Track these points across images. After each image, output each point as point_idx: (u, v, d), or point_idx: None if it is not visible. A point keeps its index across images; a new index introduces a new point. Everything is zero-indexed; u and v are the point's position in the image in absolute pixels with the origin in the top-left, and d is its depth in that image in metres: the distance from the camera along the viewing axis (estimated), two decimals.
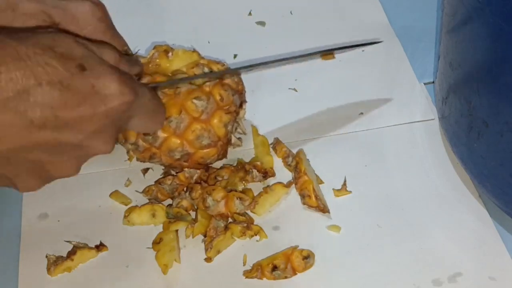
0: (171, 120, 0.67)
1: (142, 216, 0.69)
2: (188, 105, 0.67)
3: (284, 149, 0.74)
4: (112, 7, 0.85)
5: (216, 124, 0.69)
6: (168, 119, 0.67)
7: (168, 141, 0.68)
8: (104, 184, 0.73)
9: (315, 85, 0.82)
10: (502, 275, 0.65)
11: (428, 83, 0.81)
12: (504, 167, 0.62)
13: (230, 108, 0.69)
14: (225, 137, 0.70)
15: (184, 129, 0.68)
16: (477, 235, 0.68)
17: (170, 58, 0.70)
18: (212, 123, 0.69)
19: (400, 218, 0.70)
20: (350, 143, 0.76)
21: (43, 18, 0.64)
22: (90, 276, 0.67)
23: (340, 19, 0.90)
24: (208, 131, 0.68)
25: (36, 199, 0.72)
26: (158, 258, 0.66)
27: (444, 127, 0.72)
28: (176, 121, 0.67)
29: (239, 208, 0.69)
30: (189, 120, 0.68)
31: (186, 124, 0.68)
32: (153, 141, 0.68)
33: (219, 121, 0.69)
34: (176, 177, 0.71)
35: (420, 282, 0.65)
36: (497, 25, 0.56)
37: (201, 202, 0.69)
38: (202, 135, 0.68)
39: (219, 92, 0.69)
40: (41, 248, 0.68)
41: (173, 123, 0.67)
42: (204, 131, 0.68)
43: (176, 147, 0.68)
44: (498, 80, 0.59)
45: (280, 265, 0.65)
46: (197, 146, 0.69)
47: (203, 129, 0.68)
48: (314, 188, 0.70)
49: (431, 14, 0.88)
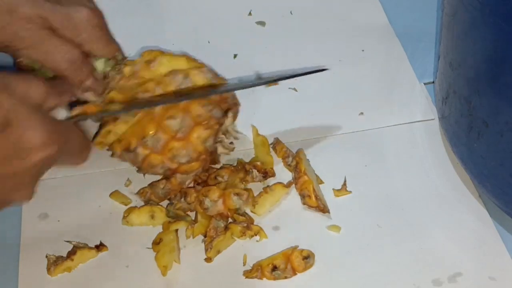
0: (147, 140, 0.67)
1: (141, 217, 0.69)
2: (164, 123, 0.67)
3: (284, 149, 0.74)
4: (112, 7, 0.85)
5: (194, 141, 0.68)
6: (144, 139, 0.67)
7: (149, 158, 0.68)
8: (104, 184, 0.73)
9: (315, 85, 0.82)
10: (502, 275, 0.65)
11: (428, 83, 0.81)
12: (504, 167, 0.62)
13: (210, 123, 0.68)
14: (207, 151, 0.69)
15: (162, 148, 0.67)
16: (477, 235, 0.68)
17: (152, 68, 0.69)
18: (191, 139, 0.68)
19: (400, 218, 0.70)
20: (350, 143, 0.76)
21: (41, 23, 0.64)
22: (90, 276, 0.67)
23: (340, 19, 0.90)
24: (186, 149, 0.68)
25: (36, 199, 0.72)
26: (157, 259, 0.66)
27: (444, 127, 0.72)
28: (152, 141, 0.67)
29: (238, 203, 0.69)
30: (166, 139, 0.67)
31: (163, 143, 0.67)
32: (134, 158, 0.68)
33: (197, 138, 0.68)
34: (168, 181, 0.70)
35: (420, 282, 0.65)
36: (497, 25, 0.56)
37: (198, 205, 0.69)
38: (179, 154, 0.68)
39: (195, 108, 0.67)
40: (41, 248, 0.68)
41: (149, 142, 0.67)
42: (182, 149, 0.68)
43: (157, 164, 0.68)
44: (498, 80, 0.59)
45: (280, 265, 0.65)
46: (177, 163, 0.68)
47: (180, 148, 0.67)
48: (314, 188, 0.70)
49: (431, 14, 0.88)
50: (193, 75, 0.69)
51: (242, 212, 0.70)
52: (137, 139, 0.68)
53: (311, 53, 0.86)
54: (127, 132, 0.69)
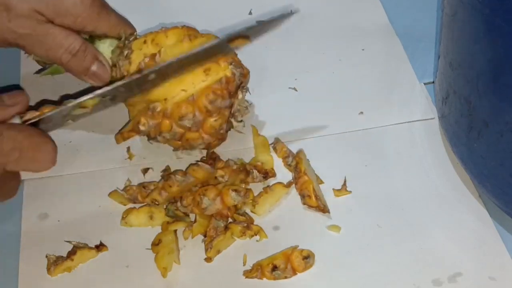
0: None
1: (139, 218, 0.69)
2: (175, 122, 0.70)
3: (284, 149, 0.74)
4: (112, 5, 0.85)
5: (208, 130, 0.71)
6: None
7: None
8: (104, 184, 0.73)
9: (315, 84, 0.82)
10: (502, 275, 0.65)
11: (428, 83, 0.81)
12: (504, 167, 0.62)
13: (220, 113, 0.70)
14: (220, 134, 0.72)
15: (178, 139, 0.71)
16: (477, 235, 0.68)
17: (157, 60, 0.70)
18: (205, 129, 0.71)
19: (400, 218, 0.70)
20: (350, 142, 0.76)
21: (37, 17, 0.64)
22: (90, 276, 0.67)
23: (340, 19, 0.90)
24: (200, 138, 0.71)
25: (36, 199, 0.72)
26: (157, 261, 0.66)
27: (444, 127, 0.72)
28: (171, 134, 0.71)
29: (236, 200, 0.69)
30: (180, 133, 0.70)
31: (179, 135, 0.71)
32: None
33: (210, 127, 0.70)
34: (163, 185, 0.70)
35: (420, 282, 0.65)
36: (497, 25, 0.56)
37: (195, 207, 0.69)
38: (195, 144, 0.72)
39: (202, 101, 0.69)
40: (41, 248, 0.68)
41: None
42: (198, 139, 0.71)
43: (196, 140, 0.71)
44: (498, 80, 0.59)
45: (280, 265, 0.65)
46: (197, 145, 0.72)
47: (196, 138, 0.71)
48: (314, 188, 0.70)
49: (431, 14, 0.88)
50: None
51: (242, 212, 0.70)
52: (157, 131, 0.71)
53: (311, 52, 0.86)
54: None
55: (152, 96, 0.69)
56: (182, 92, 0.69)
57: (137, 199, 0.71)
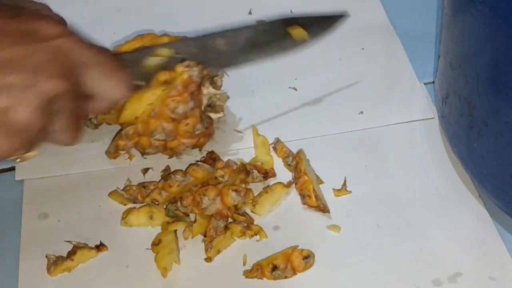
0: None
1: (139, 218, 0.69)
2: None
3: (284, 149, 0.74)
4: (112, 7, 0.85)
5: (185, 135, 0.71)
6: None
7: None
8: (104, 184, 0.73)
9: (315, 84, 0.82)
10: (502, 275, 0.65)
11: (428, 83, 0.81)
12: (504, 167, 0.62)
13: (188, 116, 0.70)
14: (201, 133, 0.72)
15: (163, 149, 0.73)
16: (477, 235, 0.68)
17: None
18: (181, 134, 0.71)
19: (400, 218, 0.70)
20: (350, 142, 0.76)
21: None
22: (90, 276, 0.67)
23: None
24: (183, 144, 0.72)
25: (36, 199, 0.72)
26: (157, 261, 0.66)
27: (444, 127, 0.72)
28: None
29: (236, 199, 0.69)
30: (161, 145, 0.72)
31: (161, 147, 0.72)
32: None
33: (186, 132, 0.71)
34: (163, 185, 0.70)
35: (420, 282, 0.65)
36: (497, 25, 0.56)
37: (195, 207, 0.69)
38: (179, 151, 0.73)
39: (166, 112, 0.69)
40: (41, 248, 0.68)
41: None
42: (180, 145, 0.72)
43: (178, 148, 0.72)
44: (498, 80, 0.59)
45: (280, 265, 0.65)
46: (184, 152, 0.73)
47: (178, 145, 0.72)
48: (314, 188, 0.70)
49: (431, 14, 0.88)
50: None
51: (242, 212, 0.70)
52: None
53: (311, 52, 0.86)
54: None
55: (123, 118, 0.69)
56: (148, 106, 0.69)
57: (137, 199, 0.71)
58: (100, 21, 0.89)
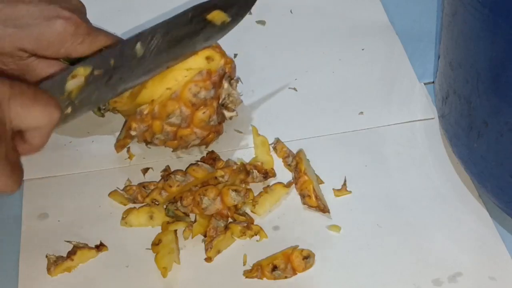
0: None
1: (139, 218, 0.69)
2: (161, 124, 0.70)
3: (284, 149, 0.74)
4: (112, 7, 0.85)
5: (199, 124, 0.70)
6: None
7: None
8: (104, 184, 0.73)
9: (315, 84, 0.82)
10: (502, 275, 0.65)
11: (428, 83, 0.81)
12: (504, 167, 0.62)
13: (207, 103, 0.70)
14: (213, 127, 0.72)
15: (173, 136, 0.71)
16: (477, 235, 0.68)
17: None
18: (195, 124, 0.70)
19: (400, 218, 0.70)
20: (350, 142, 0.76)
21: (19, 54, 0.63)
22: (90, 276, 0.67)
23: (340, 18, 0.90)
24: (194, 134, 0.71)
25: (36, 199, 0.72)
26: (157, 261, 0.66)
27: (444, 127, 0.72)
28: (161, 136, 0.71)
29: (236, 199, 0.69)
30: (172, 131, 0.70)
31: (172, 133, 0.71)
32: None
33: (201, 121, 0.70)
34: (163, 185, 0.70)
35: (420, 282, 0.65)
36: (497, 24, 0.56)
37: (195, 207, 0.69)
38: (189, 140, 0.71)
39: (186, 95, 0.69)
40: (41, 248, 0.68)
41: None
42: (190, 135, 0.71)
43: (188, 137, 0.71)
44: (498, 80, 0.59)
45: (280, 265, 0.65)
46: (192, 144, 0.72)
47: (189, 134, 0.71)
48: (314, 188, 0.70)
49: (431, 14, 0.88)
50: None
51: (242, 212, 0.70)
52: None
53: (311, 52, 0.86)
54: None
55: (139, 99, 0.69)
56: (167, 90, 0.69)
57: (137, 199, 0.71)
58: (100, 21, 0.88)
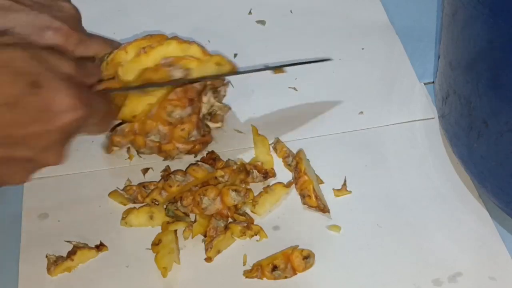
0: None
1: (139, 218, 0.69)
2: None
3: (284, 149, 0.74)
4: (112, 7, 0.85)
5: (180, 140, 0.71)
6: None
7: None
8: (104, 184, 0.73)
9: (315, 84, 0.82)
10: (502, 275, 0.65)
11: (428, 83, 0.81)
12: (504, 167, 0.62)
13: (184, 122, 0.70)
14: (197, 140, 0.72)
15: (157, 152, 0.72)
16: (477, 235, 0.68)
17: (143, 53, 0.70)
18: (176, 139, 0.71)
19: (400, 218, 0.70)
20: (350, 142, 0.76)
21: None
22: (90, 276, 0.67)
23: (340, 18, 0.90)
24: (176, 148, 0.72)
25: (36, 199, 0.72)
26: (157, 261, 0.66)
27: (444, 127, 0.72)
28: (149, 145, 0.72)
29: (236, 199, 0.69)
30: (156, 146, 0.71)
31: (156, 148, 0.72)
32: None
33: (181, 137, 0.70)
34: (163, 185, 0.70)
35: (420, 282, 0.65)
36: (497, 24, 0.56)
37: (195, 207, 0.69)
38: (172, 155, 0.72)
39: (163, 115, 0.69)
40: (41, 248, 0.68)
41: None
42: (173, 150, 0.71)
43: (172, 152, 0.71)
44: (498, 80, 0.59)
45: (280, 265, 0.65)
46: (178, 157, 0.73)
47: (172, 149, 0.71)
48: (314, 188, 0.70)
49: (431, 14, 0.88)
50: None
51: (242, 212, 0.70)
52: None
53: (311, 52, 0.86)
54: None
55: (122, 115, 0.69)
56: (148, 106, 0.69)
57: (137, 199, 0.71)
58: (100, 21, 0.89)
